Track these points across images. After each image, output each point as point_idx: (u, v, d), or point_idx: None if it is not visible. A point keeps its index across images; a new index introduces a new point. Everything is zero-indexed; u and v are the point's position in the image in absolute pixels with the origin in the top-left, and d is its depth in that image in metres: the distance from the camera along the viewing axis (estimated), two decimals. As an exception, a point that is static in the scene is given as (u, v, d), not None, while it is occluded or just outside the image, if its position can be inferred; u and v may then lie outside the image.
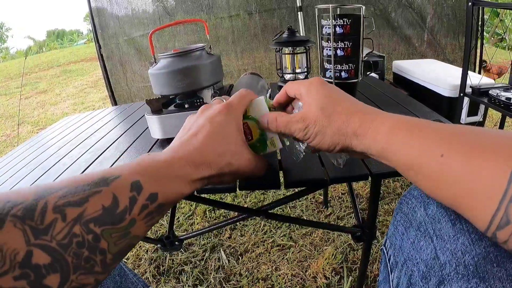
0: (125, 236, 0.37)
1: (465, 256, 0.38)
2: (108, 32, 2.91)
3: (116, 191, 0.38)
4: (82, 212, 0.35)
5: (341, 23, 0.95)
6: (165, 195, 0.41)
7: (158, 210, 0.41)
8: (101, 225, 0.35)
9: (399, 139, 0.42)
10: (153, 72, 0.92)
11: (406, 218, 0.49)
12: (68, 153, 1.10)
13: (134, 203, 0.38)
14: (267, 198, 1.97)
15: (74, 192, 0.36)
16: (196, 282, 1.42)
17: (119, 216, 0.37)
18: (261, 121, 0.55)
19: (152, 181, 0.40)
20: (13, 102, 6.32)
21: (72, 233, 0.33)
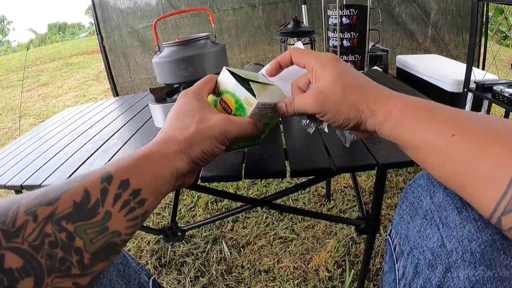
0: (102, 232, 0.36)
1: (471, 244, 0.37)
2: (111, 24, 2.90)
3: (87, 184, 0.37)
4: (53, 210, 0.34)
5: (348, 14, 0.95)
6: (138, 179, 0.40)
7: (135, 199, 0.39)
8: (74, 221, 0.34)
9: (411, 118, 0.41)
10: (157, 61, 0.91)
11: (411, 206, 0.49)
12: (69, 143, 1.10)
13: (105, 194, 0.37)
14: (269, 190, 1.97)
15: (47, 192, 0.35)
16: (198, 274, 1.42)
17: (92, 210, 0.36)
18: (278, 106, 0.55)
19: (122, 168, 0.40)
20: (14, 95, 6.32)
21: (44, 233, 0.33)
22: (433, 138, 0.38)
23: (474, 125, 0.36)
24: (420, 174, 0.51)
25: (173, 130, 0.48)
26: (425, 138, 0.39)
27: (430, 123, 0.39)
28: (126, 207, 0.38)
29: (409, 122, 0.41)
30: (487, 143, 0.34)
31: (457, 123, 0.37)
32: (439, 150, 0.38)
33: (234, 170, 0.68)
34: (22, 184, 0.86)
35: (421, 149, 0.40)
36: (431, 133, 0.39)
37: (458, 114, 0.39)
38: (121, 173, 0.39)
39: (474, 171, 0.34)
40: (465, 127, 0.37)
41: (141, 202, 0.40)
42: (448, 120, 0.38)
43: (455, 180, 0.37)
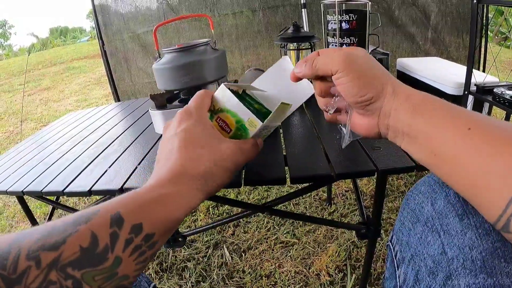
0: (111, 278, 0.34)
1: (472, 251, 0.37)
2: (112, 28, 2.91)
3: (94, 228, 0.35)
4: (58, 256, 0.32)
5: (347, 19, 0.95)
6: (151, 223, 0.38)
7: (146, 243, 0.38)
8: (81, 268, 0.32)
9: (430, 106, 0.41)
10: (157, 67, 0.92)
11: (413, 213, 0.49)
12: (71, 148, 1.11)
13: (116, 239, 0.35)
14: (270, 195, 1.97)
15: (50, 234, 0.33)
16: (199, 279, 1.41)
17: (100, 256, 0.34)
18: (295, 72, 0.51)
19: (134, 211, 0.38)
20: (16, 99, 6.33)
21: (48, 280, 0.31)
22: (450, 128, 0.38)
23: (488, 124, 0.36)
24: (422, 180, 0.50)
25: (185, 161, 0.46)
26: (441, 128, 0.39)
27: (447, 114, 0.39)
28: (137, 251, 0.37)
29: (427, 108, 0.41)
30: (501, 142, 0.34)
31: (473, 120, 0.37)
32: (454, 142, 0.37)
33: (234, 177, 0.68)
34: (24, 190, 0.86)
35: (435, 139, 0.39)
36: (447, 123, 0.38)
37: (472, 112, 0.38)
38: (133, 217, 0.37)
39: (486, 168, 0.34)
40: (480, 124, 0.36)
41: (152, 245, 0.38)
42: (463, 116, 0.38)
43: (467, 177, 0.36)
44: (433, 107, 0.41)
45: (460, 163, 0.37)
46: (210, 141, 0.49)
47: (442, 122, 0.39)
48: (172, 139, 0.49)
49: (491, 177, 0.33)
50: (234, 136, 0.55)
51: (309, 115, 1.01)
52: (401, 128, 0.43)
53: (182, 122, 0.50)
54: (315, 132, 0.88)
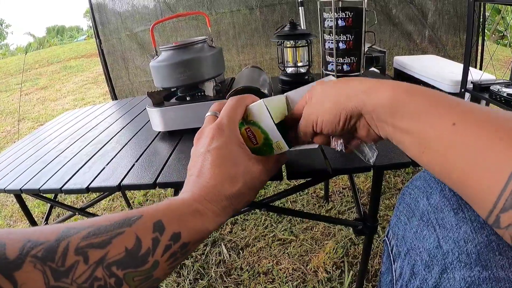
0: (147, 280, 0.36)
1: (467, 245, 0.37)
2: (109, 27, 2.90)
3: (139, 232, 0.37)
4: (105, 254, 0.34)
5: (343, 16, 0.95)
6: (188, 233, 0.40)
7: (181, 250, 0.40)
8: (124, 268, 0.34)
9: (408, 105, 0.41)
10: (154, 65, 0.92)
11: (408, 208, 0.49)
12: (68, 146, 1.11)
13: (157, 244, 0.37)
14: (267, 192, 1.98)
15: (97, 233, 0.35)
16: (197, 276, 1.42)
17: (142, 258, 0.36)
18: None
19: (174, 220, 0.40)
20: (13, 99, 6.32)
21: (94, 277, 0.32)
22: (434, 125, 0.38)
23: (475, 116, 0.36)
24: (417, 175, 0.51)
25: (219, 181, 0.47)
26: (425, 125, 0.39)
27: (430, 110, 0.39)
28: (173, 257, 0.39)
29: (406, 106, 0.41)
30: (488, 135, 0.33)
31: (458, 112, 0.37)
32: (441, 139, 0.37)
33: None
34: (22, 188, 0.86)
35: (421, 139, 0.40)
36: (431, 120, 0.38)
37: (458, 103, 0.38)
38: (174, 225, 0.39)
39: (474, 163, 0.34)
40: (466, 117, 0.36)
41: (185, 253, 0.40)
42: (448, 109, 0.38)
43: (455, 172, 0.36)
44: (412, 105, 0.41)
45: (448, 160, 0.37)
46: (242, 161, 0.50)
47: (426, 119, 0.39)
48: (205, 156, 0.49)
49: (480, 172, 0.33)
50: (258, 150, 0.56)
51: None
52: (387, 129, 0.45)
53: (215, 139, 0.50)
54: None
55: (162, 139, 0.97)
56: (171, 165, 0.80)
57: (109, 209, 2.11)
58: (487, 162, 0.33)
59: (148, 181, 0.74)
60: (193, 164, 0.51)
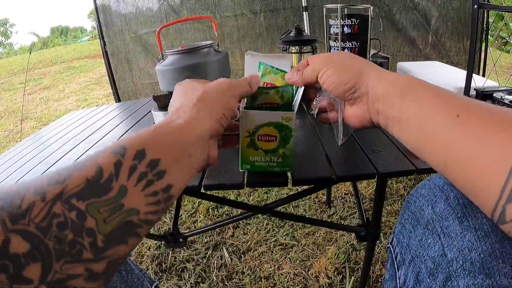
0: (116, 210, 0.33)
1: (471, 253, 0.38)
2: (113, 29, 2.91)
3: (100, 160, 0.34)
4: (63, 188, 0.31)
5: (349, 23, 0.96)
6: (154, 149, 0.37)
7: (153, 170, 0.36)
8: (85, 199, 0.31)
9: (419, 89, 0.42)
10: (161, 69, 0.92)
11: (413, 216, 0.49)
12: (72, 148, 1.11)
13: (119, 167, 0.34)
14: (270, 197, 1.98)
15: (57, 173, 0.32)
16: (198, 280, 1.42)
17: (105, 185, 0.33)
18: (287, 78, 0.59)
19: (135, 140, 0.37)
20: (16, 98, 6.33)
21: (52, 213, 0.30)
22: (441, 114, 0.38)
23: (478, 108, 0.37)
24: (422, 184, 0.51)
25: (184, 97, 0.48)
26: (432, 113, 0.40)
27: (437, 99, 0.40)
28: (143, 180, 0.35)
29: (417, 92, 0.42)
30: (491, 127, 0.34)
31: (462, 105, 0.38)
32: (446, 128, 0.38)
33: (236, 178, 0.69)
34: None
35: (427, 125, 0.40)
36: (438, 108, 0.39)
37: (461, 97, 0.39)
38: (136, 145, 0.36)
39: (477, 153, 0.34)
40: (470, 109, 0.37)
41: (159, 174, 0.37)
42: (453, 101, 0.39)
43: (460, 165, 0.37)
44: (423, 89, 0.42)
45: (452, 151, 0.37)
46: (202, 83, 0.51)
47: (432, 107, 0.40)
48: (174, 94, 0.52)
49: (483, 163, 0.34)
50: (283, 139, 0.60)
51: (310, 117, 1.02)
52: (392, 113, 0.45)
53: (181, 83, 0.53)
54: (316, 134, 0.89)
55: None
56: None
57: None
58: (491, 152, 0.33)
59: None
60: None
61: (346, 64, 0.51)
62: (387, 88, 0.46)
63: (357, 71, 0.50)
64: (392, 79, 0.46)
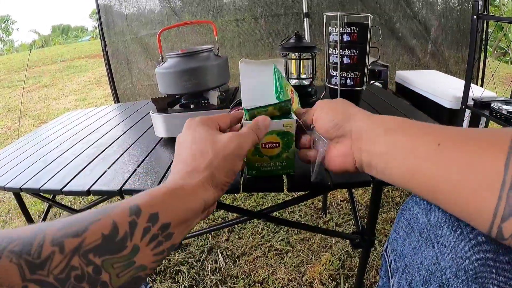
0: (128, 266, 0.35)
1: (465, 262, 0.38)
2: (115, 29, 2.92)
3: (115, 217, 0.36)
4: (81, 242, 0.33)
5: (349, 31, 0.96)
6: (167, 214, 0.39)
7: (163, 233, 0.39)
8: (102, 254, 0.33)
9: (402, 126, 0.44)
10: (160, 71, 0.93)
11: (408, 224, 0.50)
12: (70, 147, 1.11)
13: (134, 227, 0.36)
14: (266, 202, 1.98)
15: (73, 223, 0.34)
16: (192, 283, 1.42)
17: (120, 243, 0.35)
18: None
19: (150, 203, 0.39)
20: (15, 95, 6.32)
21: (71, 266, 0.31)
22: (423, 144, 0.40)
23: (456, 135, 0.37)
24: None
25: (190, 159, 0.49)
26: (415, 144, 0.41)
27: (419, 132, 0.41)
28: (154, 241, 0.38)
29: (400, 127, 0.44)
30: (471, 150, 0.35)
31: (440, 134, 0.39)
32: (430, 159, 0.38)
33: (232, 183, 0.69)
34: (22, 187, 0.87)
35: (412, 157, 0.41)
36: (419, 140, 0.40)
37: (438, 127, 0.40)
38: (150, 207, 0.38)
39: (463, 179, 0.35)
40: (449, 136, 0.38)
41: (168, 236, 0.39)
42: (434, 132, 0.40)
43: (448, 194, 0.37)
44: (404, 125, 0.44)
45: (439, 182, 0.38)
46: (210, 136, 0.52)
47: (415, 138, 0.41)
48: (180, 144, 0.53)
49: (471, 188, 0.34)
50: (285, 145, 0.63)
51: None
52: (375, 149, 0.46)
53: (186, 128, 0.54)
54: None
55: (164, 145, 0.98)
56: (173, 171, 0.81)
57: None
58: (476, 176, 0.34)
59: (151, 186, 0.74)
60: (174, 156, 0.54)
61: (337, 107, 0.54)
62: (371, 124, 0.48)
63: (345, 111, 0.52)
64: (376, 118, 0.48)
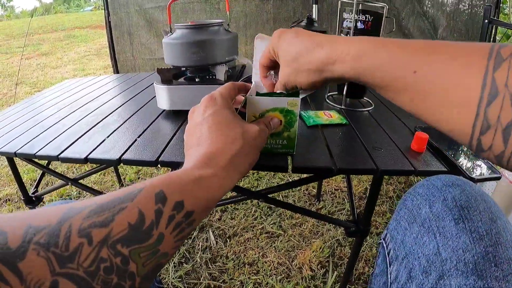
0: (154, 255, 0.35)
1: (465, 254, 0.39)
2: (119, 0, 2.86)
3: (141, 205, 0.35)
4: (109, 233, 0.32)
5: (363, 19, 0.94)
6: (191, 201, 0.39)
7: (187, 220, 0.38)
8: (129, 245, 0.33)
9: (369, 62, 0.41)
10: (168, 41, 0.91)
11: (410, 213, 0.50)
12: (68, 114, 1.09)
13: (160, 215, 0.36)
14: (261, 184, 1.98)
15: (99, 211, 0.33)
16: (182, 260, 1.42)
17: (146, 232, 0.34)
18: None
19: (175, 189, 0.38)
20: (13, 62, 6.24)
21: (100, 258, 0.31)
22: (396, 79, 0.39)
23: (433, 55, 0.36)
24: (420, 183, 0.52)
25: (219, 144, 0.47)
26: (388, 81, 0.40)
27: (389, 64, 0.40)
28: (178, 228, 0.37)
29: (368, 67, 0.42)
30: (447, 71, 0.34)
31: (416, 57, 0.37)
32: (405, 89, 0.38)
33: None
34: (16, 152, 0.85)
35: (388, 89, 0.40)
36: (393, 74, 0.39)
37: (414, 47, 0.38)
38: (176, 195, 0.38)
39: (441, 103, 0.35)
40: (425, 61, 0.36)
41: (190, 223, 0.39)
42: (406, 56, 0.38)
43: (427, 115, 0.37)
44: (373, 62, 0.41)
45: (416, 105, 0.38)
46: (237, 123, 0.51)
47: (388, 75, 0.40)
48: (201, 125, 0.50)
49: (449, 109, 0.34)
50: (288, 123, 0.63)
51: (313, 108, 1.01)
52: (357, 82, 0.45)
53: (208, 107, 0.52)
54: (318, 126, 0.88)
55: (166, 117, 0.96)
56: (174, 144, 0.80)
57: (100, 183, 2.10)
58: (455, 94, 0.33)
59: (150, 158, 0.73)
60: (190, 136, 0.52)
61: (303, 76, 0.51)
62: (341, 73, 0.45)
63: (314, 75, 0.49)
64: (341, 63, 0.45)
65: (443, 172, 0.67)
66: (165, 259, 0.37)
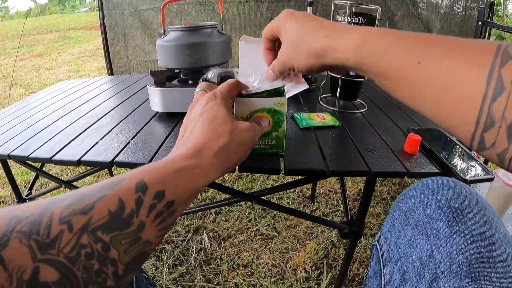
0: (135, 242, 0.35)
1: (459, 256, 0.39)
2: (114, 1, 2.85)
3: (121, 193, 0.36)
4: (88, 220, 0.33)
5: (356, 21, 0.95)
6: (172, 191, 0.39)
7: (168, 210, 0.39)
8: (110, 231, 0.33)
9: (372, 51, 0.41)
10: (161, 44, 0.90)
11: (403, 216, 0.50)
12: (61, 116, 1.09)
13: (140, 204, 0.36)
14: (255, 186, 1.97)
15: (80, 200, 0.34)
16: (176, 262, 1.41)
17: (126, 220, 0.35)
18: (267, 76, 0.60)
19: (157, 179, 0.39)
20: (7, 63, 6.20)
21: (80, 244, 0.31)
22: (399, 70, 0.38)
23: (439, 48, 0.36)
24: (414, 186, 0.52)
25: (206, 138, 0.48)
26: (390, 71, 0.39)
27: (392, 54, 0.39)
28: (159, 218, 0.38)
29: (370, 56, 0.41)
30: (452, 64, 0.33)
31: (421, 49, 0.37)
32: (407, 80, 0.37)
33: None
34: (10, 154, 0.84)
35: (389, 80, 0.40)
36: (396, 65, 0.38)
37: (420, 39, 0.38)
38: (157, 184, 0.38)
39: (445, 97, 0.34)
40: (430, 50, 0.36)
41: (172, 213, 0.39)
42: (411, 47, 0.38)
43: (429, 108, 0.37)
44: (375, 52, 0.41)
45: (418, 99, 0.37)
46: (230, 120, 0.51)
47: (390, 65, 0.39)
48: (198, 118, 0.51)
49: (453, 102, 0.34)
50: (276, 123, 0.65)
51: (306, 110, 1.01)
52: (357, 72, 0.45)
53: (209, 103, 0.53)
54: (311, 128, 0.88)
55: (159, 120, 0.96)
56: (167, 146, 0.80)
57: (94, 184, 2.08)
58: (460, 89, 0.33)
59: (143, 160, 0.73)
60: (184, 127, 0.53)
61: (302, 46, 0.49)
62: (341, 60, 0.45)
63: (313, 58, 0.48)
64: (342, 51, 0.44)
65: (436, 174, 0.67)
66: (149, 247, 0.37)
